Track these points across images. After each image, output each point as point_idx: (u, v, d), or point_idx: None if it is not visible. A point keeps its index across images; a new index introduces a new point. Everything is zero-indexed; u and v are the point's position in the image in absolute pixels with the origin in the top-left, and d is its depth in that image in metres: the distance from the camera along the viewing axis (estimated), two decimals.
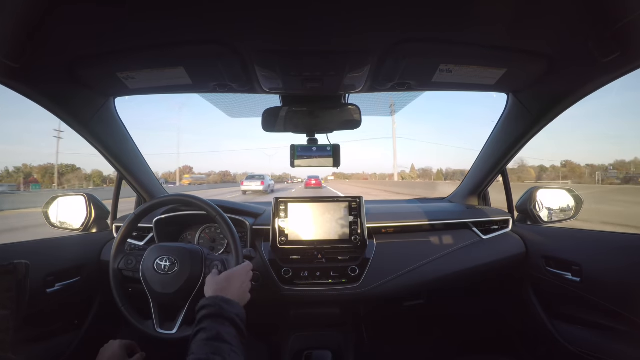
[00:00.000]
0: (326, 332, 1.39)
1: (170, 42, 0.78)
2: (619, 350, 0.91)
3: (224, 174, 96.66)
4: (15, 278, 0.60)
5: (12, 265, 0.60)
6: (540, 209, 1.35)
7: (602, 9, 0.63)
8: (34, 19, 0.63)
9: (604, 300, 0.94)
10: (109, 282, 0.94)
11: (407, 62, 0.88)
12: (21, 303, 0.60)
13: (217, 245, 1.29)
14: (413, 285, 1.20)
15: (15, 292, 0.59)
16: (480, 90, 1.11)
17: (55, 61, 0.80)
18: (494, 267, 1.27)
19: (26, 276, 0.62)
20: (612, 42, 0.69)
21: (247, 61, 0.86)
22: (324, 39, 0.77)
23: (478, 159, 1.44)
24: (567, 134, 68.36)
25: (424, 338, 1.56)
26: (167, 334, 0.88)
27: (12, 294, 0.59)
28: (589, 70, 0.83)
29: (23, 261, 0.61)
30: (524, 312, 1.26)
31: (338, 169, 1.22)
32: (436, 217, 1.34)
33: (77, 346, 1.12)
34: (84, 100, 1.01)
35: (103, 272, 1.07)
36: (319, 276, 1.15)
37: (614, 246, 0.99)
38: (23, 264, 0.61)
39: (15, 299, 0.59)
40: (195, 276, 0.89)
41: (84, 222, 1.30)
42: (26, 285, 0.62)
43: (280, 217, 1.19)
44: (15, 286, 0.59)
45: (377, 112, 1.38)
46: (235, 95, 1.13)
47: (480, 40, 0.78)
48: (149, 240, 1.26)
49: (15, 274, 0.60)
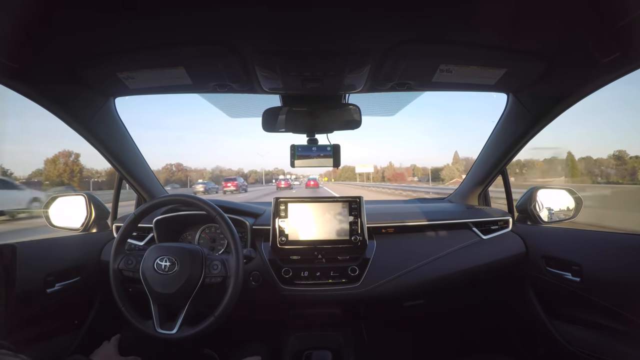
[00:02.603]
0: (326, 332, 1.39)
1: (170, 42, 0.78)
2: (619, 350, 0.91)
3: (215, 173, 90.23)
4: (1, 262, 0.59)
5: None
6: (540, 209, 1.35)
7: (602, 9, 0.63)
8: (34, 19, 0.63)
9: (604, 300, 0.94)
10: (109, 282, 0.94)
11: (407, 62, 0.88)
12: (10, 287, 0.59)
13: (217, 245, 1.29)
14: (413, 285, 1.20)
15: (2, 275, 0.59)
16: (480, 90, 1.12)
17: (56, 61, 0.80)
18: (494, 267, 1.27)
19: (13, 260, 0.61)
20: (612, 42, 0.69)
21: (247, 61, 0.86)
22: (324, 39, 0.77)
23: (478, 159, 1.44)
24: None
25: (424, 338, 1.56)
26: (168, 334, 0.88)
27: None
28: (589, 70, 0.83)
29: (10, 243, 0.61)
30: (524, 312, 1.26)
31: (339, 168, 1.22)
32: (436, 217, 1.34)
33: (77, 346, 1.12)
34: (84, 100, 1.01)
35: (103, 272, 1.07)
36: (319, 276, 1.15)
37: (613, 246, 0.99)
38: (9, 247, 0.61)
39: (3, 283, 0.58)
40: (195, 276, 0.89)
41: (84, 222, 1.30)
42: (14, 269, 0.61)
43: (281, 217, 1.19)
44: (2, 270, 0.59)
45: (377, 112, 1.38)
46: (235, 95, 1.13)
47: (480, 40, 0.79)
48: (149, 240, 1.26)
49: (1, 258, 0.59)
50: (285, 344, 1.36)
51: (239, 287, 0.92)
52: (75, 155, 42.80)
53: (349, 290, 1.15)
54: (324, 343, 1.35)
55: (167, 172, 67.72)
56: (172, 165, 73.08)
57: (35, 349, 0.99)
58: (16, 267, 0.61)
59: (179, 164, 75.85)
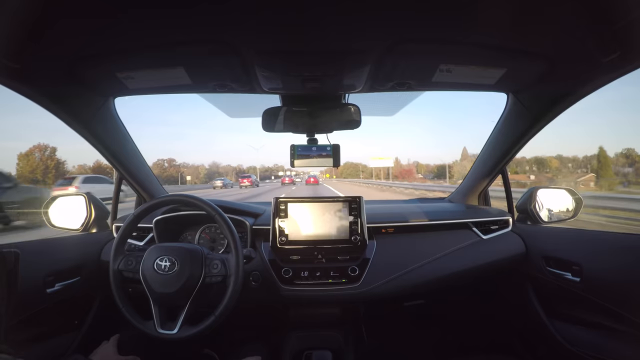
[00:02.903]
0: (326, 332, 1.39)
1: (170, 42, 0.78)
2: (619, 350, 0.91)
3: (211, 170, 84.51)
4: (4, 267, 0.59)
5: (0, 254, 0.59)
6: (541, 208, 1.35)
7: (602, 8, 0.63)
8: (34, 19, 0.63)
9: (603, 300, 0.94)
10: (109, 282, 0.94)
11: (406, 62, 0.88)
12: (12, 292, 0.59)
13: (217, 245, 1.29)
14: (413, 285, 1.20)
15: (5, 280, 0.59)
16: (480, 90, 1.12)
17: (56, 61, 0.80)
18: (494, 267, 1.27)
19: (16, 265, 0.61)
20: (612, 42, 0.69)
21: (247, 61, 0.86)
22: (323, 39, 0.77)
23: (478, 159, 1.44)
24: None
25: (424, 338, 1.56)
26: (168, 334, 0.88)
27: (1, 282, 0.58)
28: (589, 70, 0.83)
29: (12, 250, 0.61)
30: (524, 312, 1.26)
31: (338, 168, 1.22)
32: (436, 217, 1.34)
33: (77, 346, 1.12)
34: (84, 100, 1.01)
35: (103, 272, 1.07)
36: (319, 276, 1.15)
37: (613, 246, 0.99)
38: (12, 253, 0.61)
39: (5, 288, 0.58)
40: (195, 276, 0.89)
41: (84, 222, 1.30)
42: (17, 274, 0.61)
43: (281, 217, 1.19)
44: (4, 275, 0.59)
45: (377, 111, 1.38)
46: (235, 95, 1.13)
47: (480, 40, 0.78)
48: (149, 240, 1.26)
49: (4, 263, 0.59)
50: (285, 344, 1.36)
51: (239, 286, 0.92)
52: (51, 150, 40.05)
53: (349, 290, 1.15)
54: (324, 343, 1.34)
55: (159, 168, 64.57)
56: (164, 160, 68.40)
57: (35, 349, 0.99)
58: (19, 272, 0.61)
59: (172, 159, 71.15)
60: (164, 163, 68.54)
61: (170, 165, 69.59)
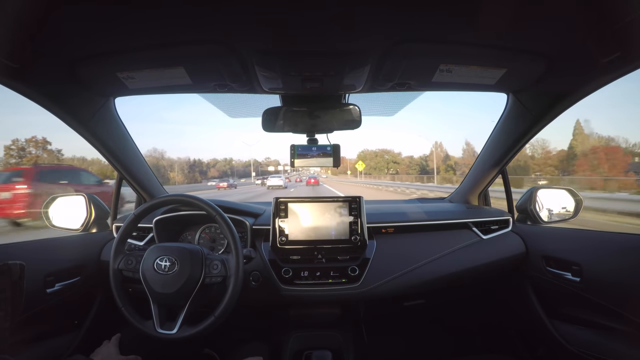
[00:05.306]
0: (326, 332, 1.39)
1: (170, 42, 0.78)
2: (619, 350, 0.91)
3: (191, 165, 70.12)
4: (9, 279, 0.59)
5: (6, 266, 0.59)
6: (541, 208, 1.35)
7: (602, 8, 0.63)
8: (34, 19, 0.63)
9: (603, 300, 0.94)
10: (109, 282, 0.94)
11: (407, 62, 0.88)
12: (16, 304, 0.59)
13: (217, 245, 1.29)
14: (413, 285, 1.20)
15: (9, 293, 0.58)
16: (480, 90, 1.11)
17: (55, 61, 0.80)
18: (493, 267, 1.27)
19: (21, 277, 0.61)
20: (612, 42, 0.69)
21: (247, 61, 0.86)
22: (323, 39, 0.77)
23: (478, 159, 1.44)
24: None
25: (424, 338, 1.56)
26: (168, 334, 0.88)
27: (6, 295, 0.58)
28: (589, 70, 0.83)
29: (18, 262, 0.61)
30: (524, 312, 1.26)
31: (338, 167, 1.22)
32: (436, 216, 1.34)
33: (77, 346, 1.12)
34: (84, 100, 1.01)
35: (103, 272, 1.07)
36: (319, 276, 1.15)
37: (614, 246, 0.99)
38: (17, 265, 0.60)
39: (10, 301, 0.58)
40: (195, 276, 0.89)
41: (84, 222, 1.30)
42: (22, 286, 0.61)
43: (281, 217, 1.19)
44: (9, 287, 0.59)
45: (377, 111, 1.38)
46: (235, 95, 1.13)
47: (480, 40, 0.78)
48: (149, 240, 1.26)
49: (10, 275, 0.59)
50: (285, 344, 1.36)
51: (239, 286, 0.92)
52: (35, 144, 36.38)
53: (349, 290, 1.15)
54: (324, 343, 1.35)
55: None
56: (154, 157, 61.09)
57: (35, 349, 0.99)
58: (24, 284, 0.61)
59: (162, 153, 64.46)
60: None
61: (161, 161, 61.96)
